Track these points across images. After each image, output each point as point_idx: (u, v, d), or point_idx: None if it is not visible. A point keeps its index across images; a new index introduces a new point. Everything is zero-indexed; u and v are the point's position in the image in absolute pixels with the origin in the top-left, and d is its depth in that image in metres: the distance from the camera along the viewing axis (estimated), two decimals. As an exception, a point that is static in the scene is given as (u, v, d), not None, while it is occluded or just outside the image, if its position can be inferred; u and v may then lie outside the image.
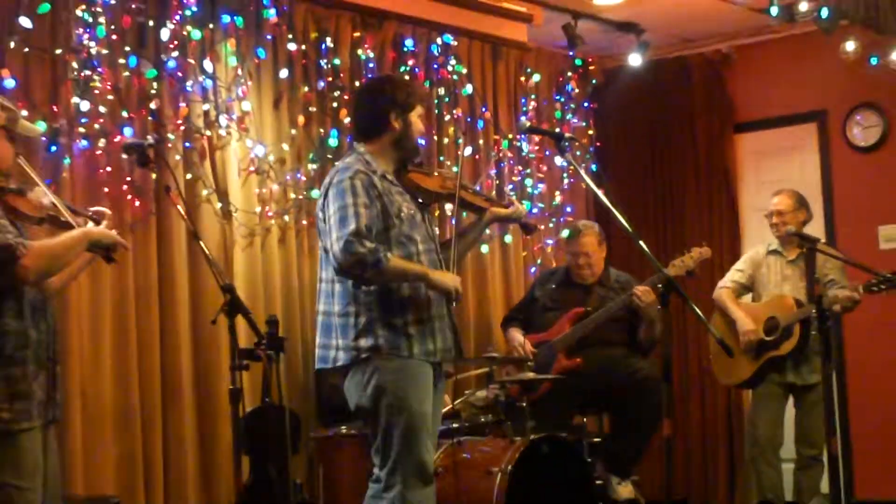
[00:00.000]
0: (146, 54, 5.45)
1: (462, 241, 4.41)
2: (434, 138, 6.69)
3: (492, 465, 5.13)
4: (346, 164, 4.22)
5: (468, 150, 6.88)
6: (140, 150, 4.04)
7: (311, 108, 6.14)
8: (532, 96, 7.39)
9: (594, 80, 7.84)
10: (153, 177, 5.40)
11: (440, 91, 6.77)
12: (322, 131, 6.17)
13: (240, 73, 5.80)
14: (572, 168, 6.14)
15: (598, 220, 6.80)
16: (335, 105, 6.21)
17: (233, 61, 5.76)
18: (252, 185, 5.89)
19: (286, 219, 6.01)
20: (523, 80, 7.36)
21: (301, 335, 5.98)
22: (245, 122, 5.83)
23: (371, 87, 4.72)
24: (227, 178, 5.77)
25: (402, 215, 4.16)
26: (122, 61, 5.34)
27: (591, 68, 7.81)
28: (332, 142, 6.16)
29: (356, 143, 4.34)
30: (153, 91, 5.45)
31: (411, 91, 4.34)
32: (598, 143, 7.87)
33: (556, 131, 6.50)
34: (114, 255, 3.79)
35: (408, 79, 6.23)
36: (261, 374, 5.08)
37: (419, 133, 4.36)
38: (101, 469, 5.18)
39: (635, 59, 7.27)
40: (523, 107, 7.33)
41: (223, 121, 5.73)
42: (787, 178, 7.15)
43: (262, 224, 5.90)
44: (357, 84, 6.17)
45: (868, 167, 7.40)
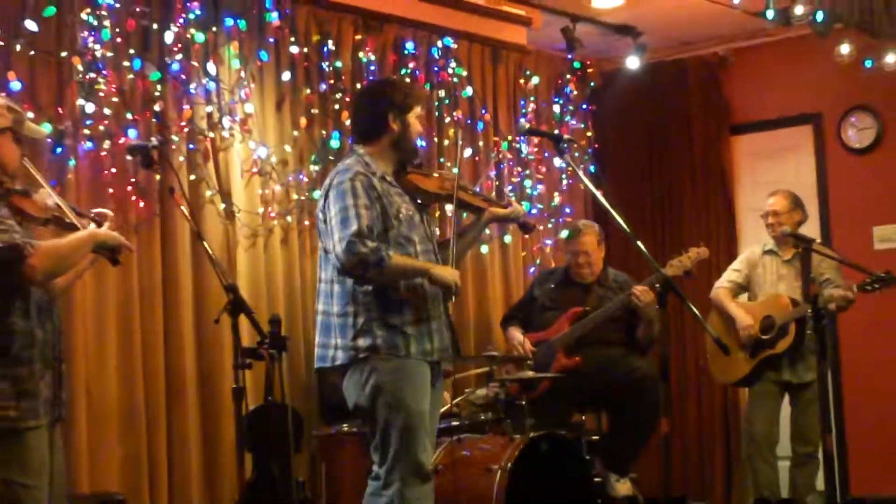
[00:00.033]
0: (150, 57, 5.47)
1: (461, 241, 4.42)
2: (434, 140, 6.72)
3: (491, 463, 5.15)
4: (346, 165, 4.23)
5: (468, 152, 6.91)
6: (144, 152, 4.04)
7: (313, 110, 6.16)
8: (531, 98, 7.42)
9: (592, 83, 7.87)
10: (157, 178, 5.42)
11: (440, 93, 6.79)
12: (324, 133, 6.19)
13: (243, 75, 5.82)
14: (571, 169, 6.15)
15: (597, 220, 6.79)
16: (337, 107, 6.23)
17: (236, 64, 5.79)
18: (255, 187, 5.91)
19: (289, 219, 6.03)
20: (522, 82, 7.38)
21: (303, 334, 5.99)
22: (248, 123, 5.85)
23: (369, 90, 4.77)
24: (230, 180, 5.79)
25: (400, 216, 4.18)
26: (126, 64, 5.36)
27: (589, 71, 7.84)
28: (334, 143, 6.18)
29: (356, 146, 4.35)
30: (157, 93, 5.48)
31: (409, 92, 4.35)
32: (596, 145, 7.90)
33: (555, 133, 6.56)
34: (119, 258, 3.79)
35: (406, 80, 6.23)
36: (263, 373, 5.09)
37: (417, 134, 4.37)
38: (106, 467, 5.19)
39: (633, 62, 7.29)
40: (522, 109, 7.36)
41: (226, 123, 5.75)
42: (782, 180, 7.16)
43: (264, 225, 5.93)
44: (358, 86, 6.20)
45: (863, 168, 7.43)
